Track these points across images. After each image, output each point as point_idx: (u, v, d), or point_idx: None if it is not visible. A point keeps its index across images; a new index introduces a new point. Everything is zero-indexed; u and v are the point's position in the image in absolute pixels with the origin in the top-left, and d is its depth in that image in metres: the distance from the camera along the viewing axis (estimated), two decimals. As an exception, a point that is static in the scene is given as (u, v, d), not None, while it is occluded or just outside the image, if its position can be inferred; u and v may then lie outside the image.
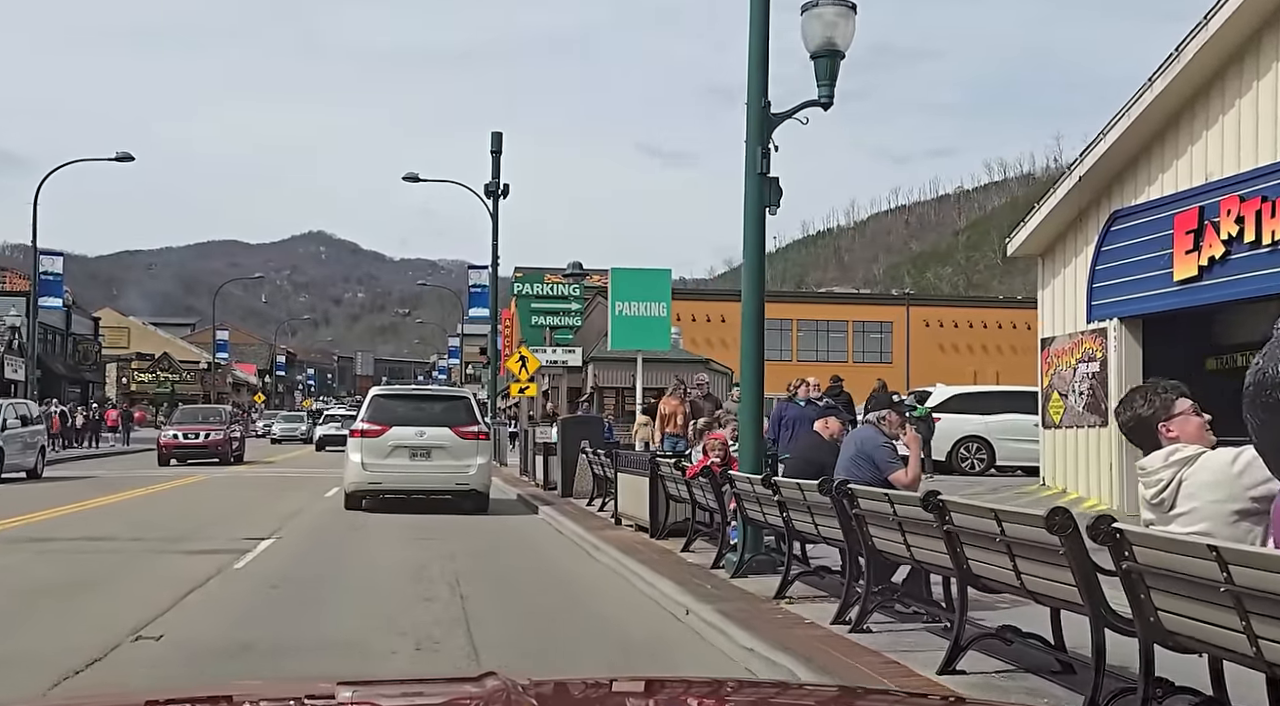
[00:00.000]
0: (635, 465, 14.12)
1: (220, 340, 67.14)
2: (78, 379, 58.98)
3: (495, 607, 9.34)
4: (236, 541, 13.63)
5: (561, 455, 20.15)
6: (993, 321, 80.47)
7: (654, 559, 11.48)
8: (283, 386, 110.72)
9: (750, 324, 10.60)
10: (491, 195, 38.98)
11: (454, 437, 16.82)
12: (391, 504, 17.66)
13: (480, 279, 40.86)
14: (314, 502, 19.80)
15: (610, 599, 10.04)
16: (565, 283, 54.28)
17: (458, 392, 19.91)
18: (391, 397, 18.17)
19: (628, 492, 14.46)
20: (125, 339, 79.85)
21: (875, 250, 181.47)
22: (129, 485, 23.54)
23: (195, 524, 15.92)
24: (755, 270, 10.49)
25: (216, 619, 8.72)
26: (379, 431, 16.87)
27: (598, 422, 20.89)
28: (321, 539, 14.64)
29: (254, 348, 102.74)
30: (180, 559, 12.11)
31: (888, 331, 79.11)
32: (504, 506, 19.55)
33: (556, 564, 12.46)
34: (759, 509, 9.47)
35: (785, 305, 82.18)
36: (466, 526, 15.97)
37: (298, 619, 8.86)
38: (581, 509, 17.62)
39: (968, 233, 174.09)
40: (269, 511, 17.90)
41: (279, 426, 54.89)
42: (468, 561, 12.11)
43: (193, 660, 7.17)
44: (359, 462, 16.87)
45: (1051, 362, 17.83)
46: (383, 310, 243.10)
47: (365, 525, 16.10)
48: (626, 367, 54.30)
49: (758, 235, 10.43)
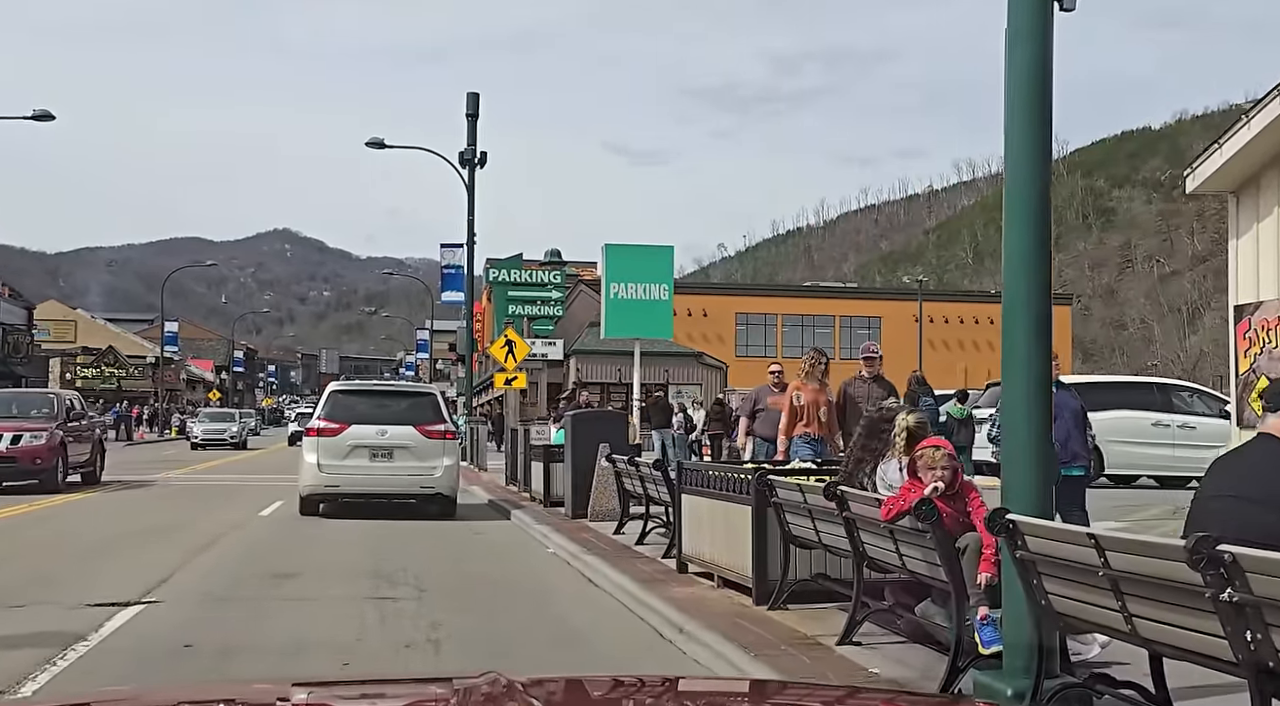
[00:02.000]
0: (722, 486, 8.82)
1: (169, 333, 60.77)
2: (7, 373, 52.83)
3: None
4: (74, 613, 8.23)
5: (572, 462, 14.87)
6: (984, 316, 76.00)
7: (800, 660, 6.25)
8: (243, 384, 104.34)
9: (1027, 230, 5.33)
10: (467, 164, 33.65)
11: (418, 437, 15.36)
12: (342, 528, 12.37)
13: (455, 259, 35.41)
14: (228, 535, 14.41)
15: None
16: (545, 270, 49.03)
17: (423, 389, 18.00)
18: (351, 393, 16.46)
19: (705, 527, 9.17)
20: (71, 333, 73.59)
21: (845, 249, 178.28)
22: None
23: (16, 578, 10.45)
24: (1034, 133, 5.24)
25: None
26: (337, 430, 15.34)
27: (619, 422, 15.52)
28: (228, 600, 9.25)
29: (211, 343, 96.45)
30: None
31: (876, 326, 74.40)
32: (499, 534, 14.25)
33: (607, 653, 7.22)
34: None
35: (769, 299, 77.37)
36: (450, 575, 10.65)
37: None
38: (609, 539, 12.38)
39: (938, 232, 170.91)
40: (160, 546, 12.51)
41: (200, 427, 42.29)
42: (463, 652, 6.86)
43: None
44: (314, 464, 15.28)
45: (1255, 337, 12.75)
46: (349, 308, 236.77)
47: (301, 571, 10.71)
48: (613, 361, 49.07)
49: (1036, 77, 5.21)
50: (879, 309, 74.49)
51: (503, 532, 14.41)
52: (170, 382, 70.67)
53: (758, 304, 73.66)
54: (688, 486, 9.56)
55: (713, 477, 9.03)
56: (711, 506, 8.93)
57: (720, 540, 8.75)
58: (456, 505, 15.78)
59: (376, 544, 12.64)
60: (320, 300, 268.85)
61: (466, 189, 33.37)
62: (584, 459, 14.54)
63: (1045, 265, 5.23)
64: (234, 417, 44.51)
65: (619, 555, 10.95)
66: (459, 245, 34.53)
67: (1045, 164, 5.26)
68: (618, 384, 47.31)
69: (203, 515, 15.97)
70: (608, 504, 14.20)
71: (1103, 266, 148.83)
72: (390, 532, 13.75)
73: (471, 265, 32.71)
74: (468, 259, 32.65)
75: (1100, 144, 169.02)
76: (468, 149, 33.45)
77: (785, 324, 72.65)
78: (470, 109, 33.80)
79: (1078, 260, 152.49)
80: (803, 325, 72.94)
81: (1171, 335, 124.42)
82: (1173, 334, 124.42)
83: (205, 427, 42.24)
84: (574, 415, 15.37)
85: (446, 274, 35.55)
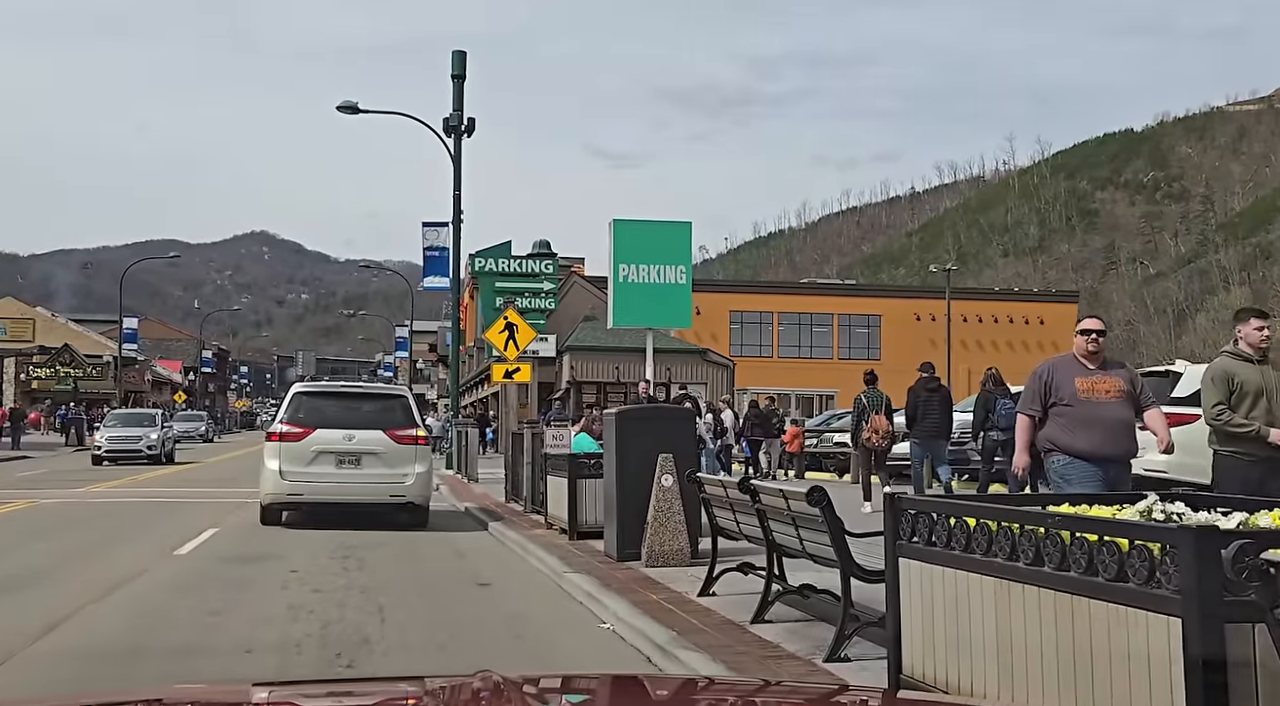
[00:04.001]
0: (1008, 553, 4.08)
1: (129, 329, 55.24)
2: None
3: None
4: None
5: (618, 480, 10.24)
6: (988, 315, 71.90)
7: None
8: (214, 386, 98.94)
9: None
10: (453, 131, 29.00)
11: (388, 442, 14.22)
12: (289, 582, 7.75)
13: (439, 239, 30.51)
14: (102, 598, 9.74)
15: None
16: (535, 259, 44.31)
17: (393, 390, 16.42)
18: (316, 395, 15.06)
19: (948, 627, 4.44)
20: (29, 332, 68.22)
21: (826, 251, 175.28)
22: None
23: None
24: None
25: None
26: (301, 434, 14.20)
27: (684, 423, 10.63)
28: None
29: (181, 343, 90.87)
30: None
31: (875, 325, 70.16)
32: (514, 587, 9.58)
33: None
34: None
35: (765, 296, 72.69)
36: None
37: None
38: (696, 606, 7.73)
39: (920, 234, 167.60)
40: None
41: (107, 434, 31.73)
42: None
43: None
44: (276, 471, 14.07)
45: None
46: (327, 311, 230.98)
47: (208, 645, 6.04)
48: (611, 359, 44.28)
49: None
50: (879, 307, 70.12)
51: (521, 584, 9.75)
52: (134, 384, 65.45)
53: (753, 301, 69.17)
54: (922, 544, 4.79)
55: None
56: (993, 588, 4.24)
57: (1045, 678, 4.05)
58: (429, 514, 14.61)
59: (337, 607, 8.03)
60: (298, 303, 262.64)
61: (452, 160, 28.73)
62: (636, 475, 9.91)
63: None
64: (152, 422, 32.97)
65: (743, 648, 6.29)
66: (443, 224, 29.79)
67: None
68: (616, 383, 42.59)
69: (91, 556, 11.27)
70: (673, 542, 9.59)
71: (1085, 269, 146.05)
72: (356, 588, 9.11)
73: (458, 245, 28.04)
74: (454, 238, 27.95)
75: (1082, 146, 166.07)
76: (453, 114, 28.82)
77: (782, 322, 68.27)
78: (456, 69, 29.19)
79: (1060, 262, 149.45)
80: (799, 323, 68.64)
81: (1159, 337, 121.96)
82: (1160, 336, 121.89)
83: (114, 436, 31.63)
84: (624, 412, 10.65)
85: (429, 257, 30.58)
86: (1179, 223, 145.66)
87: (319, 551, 11.34)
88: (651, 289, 22.76)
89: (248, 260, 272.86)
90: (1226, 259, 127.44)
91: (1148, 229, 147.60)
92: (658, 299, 22.79)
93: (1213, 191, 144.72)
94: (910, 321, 68.53)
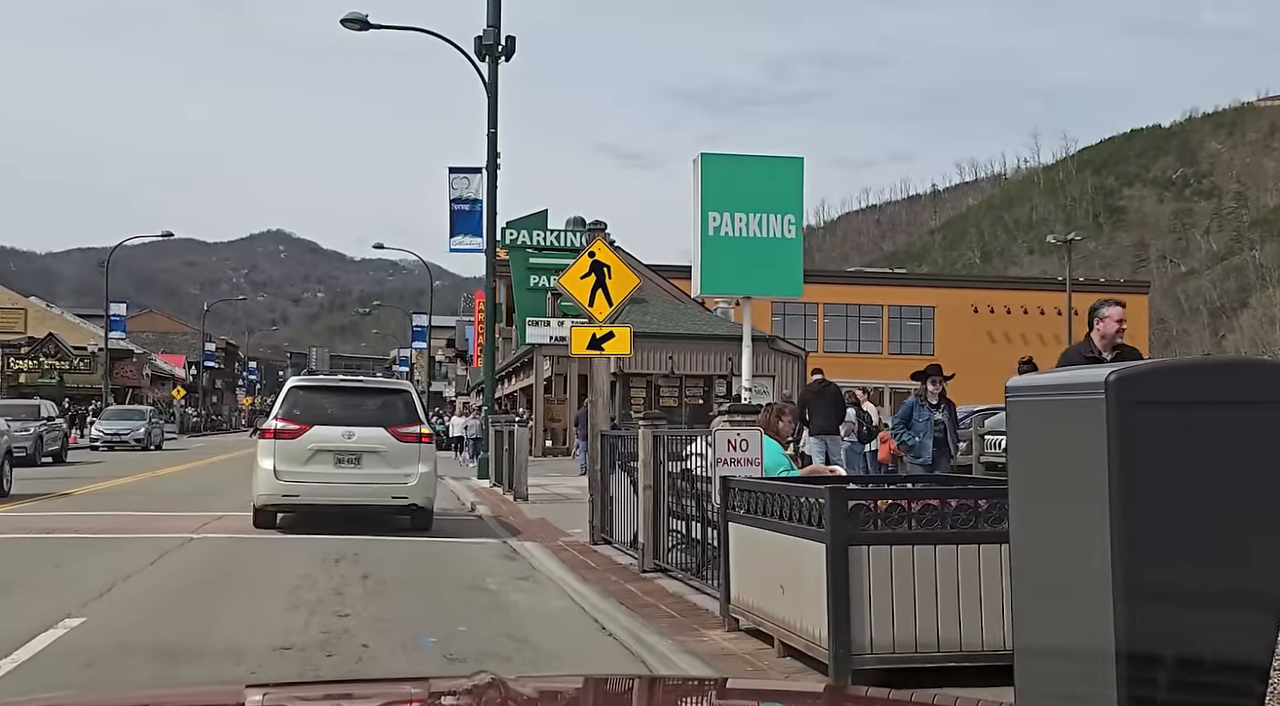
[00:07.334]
0: None
1: (115, 316, 48.36)
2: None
3: None
4: None
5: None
6: (1050, 307, 64.94)
7: None
8: (221, 382, 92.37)
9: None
10: (487, 54, 22.49)
11: (390, 440, 13.01)
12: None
13: (468, 189, 23.73)
14: None
15: None
16: (573, 233, 37.78)
17: (395, 385, 15.06)
18: (314, 390, 13.96)
19: None
20: (21, 322, 61.77)
21: (847, 250, 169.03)
22: None
23: None
24: None
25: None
26: (297, 431, 13.01)
27: None
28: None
29: (185, 337, 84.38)
30: None
31: (929, 317, 63.48)
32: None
33: None
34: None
35: (808, 286, 66.43)
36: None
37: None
38: None
39: (943, 231, 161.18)
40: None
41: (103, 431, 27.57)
42: None
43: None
44: (271, 470, 12.87)
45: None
46: (343, 309, 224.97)
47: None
48: (662, 347, 37.01)
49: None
50: (933, 298, 63.36)
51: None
52: (128, 378, 58.98)
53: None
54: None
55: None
56: None
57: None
58: (433, 517, 13.33)
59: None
60: (314, 301, 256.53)
61: (486, 88, 22.22)
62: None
63: None
64: (141, 417, 27.65)
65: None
66: (475, 170, 23.20)
67: None
68: (669, 376, 36.00)
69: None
70: None
71: (1114, 266, 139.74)
72: None
73: (494, 195, 21.46)
74: (488, 186, 21.38)
75: (1108, 142, 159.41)
76: (488, 31, 22.28)
77: (827, 314, 61.68)
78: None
79: (1088, 260, 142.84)
80: (846, 315, 62.09)
81: (1196, 335, 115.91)
82: (1198, 334, 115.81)
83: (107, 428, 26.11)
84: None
85: (457, 211, 23.70)
86: (1210, 219, 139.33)
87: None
88: (752, 244, 15.95)
89: (264, 259, 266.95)
90: (1264, 255, 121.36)
91: (1178, 226, 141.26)
92: (760, 258, 16.06)
93: (1246, 188, 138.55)
94: (967, 313, 61.93)
